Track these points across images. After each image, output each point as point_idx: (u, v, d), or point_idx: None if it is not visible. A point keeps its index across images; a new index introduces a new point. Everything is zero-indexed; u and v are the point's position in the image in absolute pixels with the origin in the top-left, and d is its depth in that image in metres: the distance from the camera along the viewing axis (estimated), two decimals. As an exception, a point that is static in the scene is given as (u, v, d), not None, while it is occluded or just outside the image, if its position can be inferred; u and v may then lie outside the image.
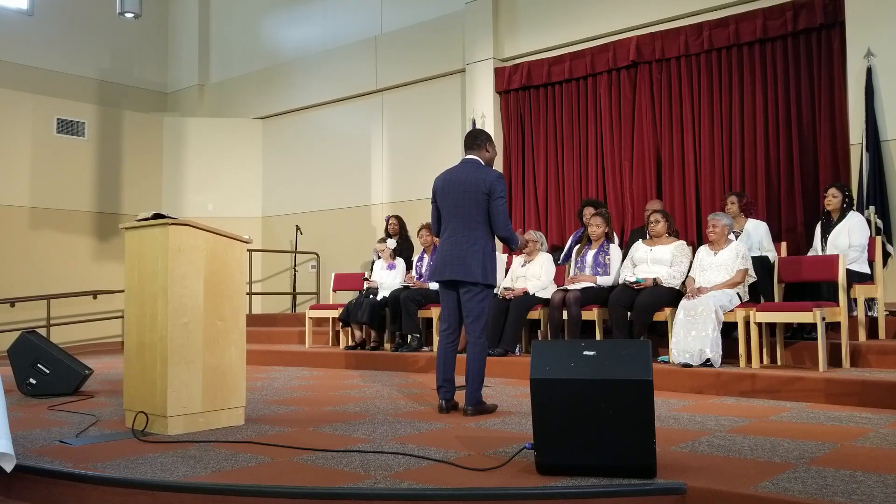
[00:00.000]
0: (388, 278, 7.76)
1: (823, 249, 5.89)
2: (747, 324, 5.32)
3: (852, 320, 5.57)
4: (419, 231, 7.74)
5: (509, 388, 5.43)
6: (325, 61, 10.73)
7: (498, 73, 8.89)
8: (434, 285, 7.33)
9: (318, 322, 8.52)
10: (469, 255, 4.33)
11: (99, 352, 9.79)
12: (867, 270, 5.76)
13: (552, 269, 6.71)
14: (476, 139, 4.58)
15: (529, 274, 6.68)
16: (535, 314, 6.51)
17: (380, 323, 7.40)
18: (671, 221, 6.20)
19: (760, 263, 5.80)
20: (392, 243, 8.18)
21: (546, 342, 4.15)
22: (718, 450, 3.23)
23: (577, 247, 6.73)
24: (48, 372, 5.42)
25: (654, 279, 5.85)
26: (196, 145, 11.47)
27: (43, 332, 8.72)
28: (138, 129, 11.26)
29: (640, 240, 6.27)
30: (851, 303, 5.68)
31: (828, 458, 3.04)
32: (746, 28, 7.22)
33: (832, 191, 5.92)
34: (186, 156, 11.45)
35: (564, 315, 6.16)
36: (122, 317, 8.62)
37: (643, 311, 5.70)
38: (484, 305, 4.40)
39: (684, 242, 6.12)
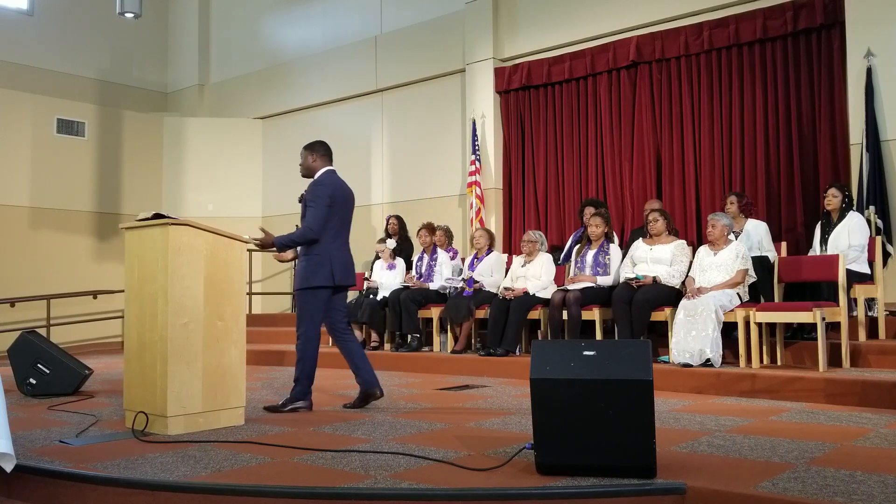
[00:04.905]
0: (388, 278, 7.76)
1: (823, 249, 5.89)
2: (747, 324, 5.32)
3: (852, 320, 5.57)
4: (419, 231, 7.75)
5: (509, 388, 5.43)
6: (325, 61, 10.73)
7: (498, 73, 8.89)
8: (434, 285, 7.35)
9: (318, 322, 8.50)
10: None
11: (99, 352, 9.79)
12: (867, 270, 5.76)
13: (552, 269, 6.71)
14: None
15: (529, 274, 6.68)
16: (535, 314, 6.51)
17: (380, 323, 7.40)
18: (670, 220, 6.20)
19: (760, 263, 5.79)
20: (392, 243, 8.18)
21: (546, 342, 4.15)
22: (718, 450, 3.23)
23: (577, 247, 6.73)
24: (48, 372, 5.42)
25: (654, 278, 5.86)
26: (196, 145, 11.46)
27: (43, 332, 8.72)
28: (138, 129, 11.26)
29: (640, 239, 6.27)
30: (851, 303, 5.67)
31: (828, 458, 3.04)
32: (746, 28, 7.22)
33: (832, 191, 5.92)
34: (186, 156, 11.45)
35: (564, 315, 6.16)
36: (122, 317, 8.61)
37: (641, 307, 5.70)
38: None
39: (684, 242, 6.13)
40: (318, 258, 4.49)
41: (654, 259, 6.00)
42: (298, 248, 4.65)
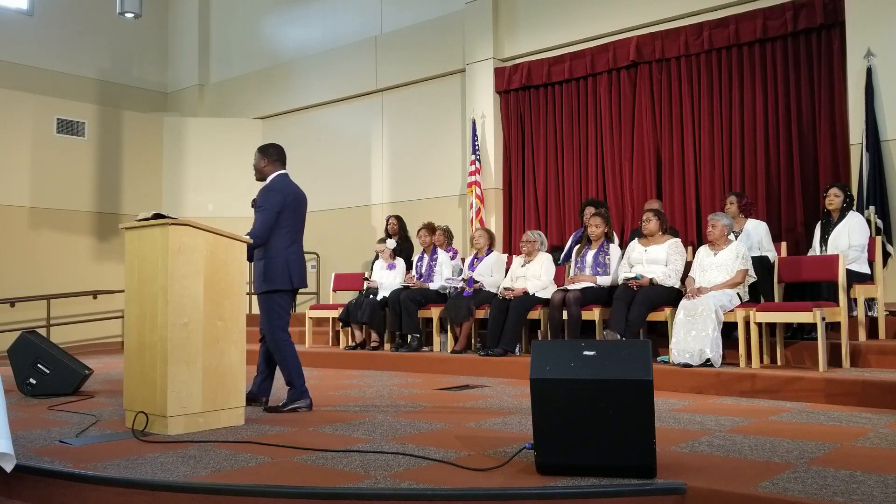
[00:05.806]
0: (388, 278, 7.76)
1: (823, 249, 5.89)
2: (747, 324, 5.32)
3: (852, 320, 5.57)
4: (419, 231, 7.74)
5: (509, 388, 5.43)
6: (325, 61, 10.73)
7: (498, 73, 8.89)
8: (434, 285, 7.35)
9: (318, 322, 8.52)
10: None
11: (99, 352, 9.79)
12: (867, 270, 5.76)
13: (552, 269, 6.71)
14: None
15: (529, 274, 6.68)
16: (535, 314, 6.51)
17: (380, 323, 7.39)
18: (664, 220, 6.18)
19: (760, 263, 5.79)
20: (392, 243, 8.18)
21: (546, 342, 4.15)
22: (718, 450, 3.23)
23: (577, 247, 6.73)
24: (48, 372, 5.42)
25: (651, 280, 5.85)
26: (196, 145, 11.46)
27: (43, 332, 8.73)
28: (138, 129, 11.26)
29: (636, 239, 6.27)
30: (851, 303, 5.67)
31: (828, 458, 3.04)
32: (746, 28, 7.22)
33: (833, 191, 5.92)
34: (186, 156, 11.45)
35: (564, 315, 6.16)
36: (122, 317, 8.61)
37: (639, 306, 5.69)
38: None
39: (678, 240, 6.11)
40: (276, 261, 4.53)
41: (650, 260, 6.00)
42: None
